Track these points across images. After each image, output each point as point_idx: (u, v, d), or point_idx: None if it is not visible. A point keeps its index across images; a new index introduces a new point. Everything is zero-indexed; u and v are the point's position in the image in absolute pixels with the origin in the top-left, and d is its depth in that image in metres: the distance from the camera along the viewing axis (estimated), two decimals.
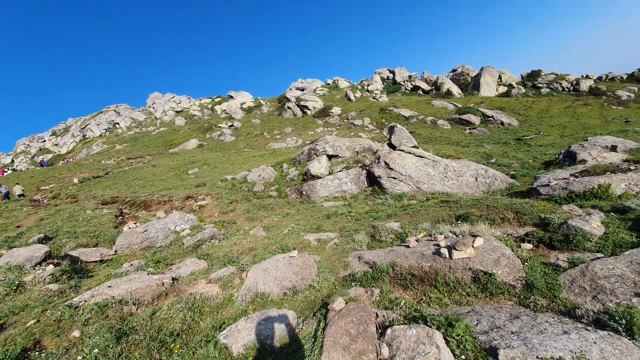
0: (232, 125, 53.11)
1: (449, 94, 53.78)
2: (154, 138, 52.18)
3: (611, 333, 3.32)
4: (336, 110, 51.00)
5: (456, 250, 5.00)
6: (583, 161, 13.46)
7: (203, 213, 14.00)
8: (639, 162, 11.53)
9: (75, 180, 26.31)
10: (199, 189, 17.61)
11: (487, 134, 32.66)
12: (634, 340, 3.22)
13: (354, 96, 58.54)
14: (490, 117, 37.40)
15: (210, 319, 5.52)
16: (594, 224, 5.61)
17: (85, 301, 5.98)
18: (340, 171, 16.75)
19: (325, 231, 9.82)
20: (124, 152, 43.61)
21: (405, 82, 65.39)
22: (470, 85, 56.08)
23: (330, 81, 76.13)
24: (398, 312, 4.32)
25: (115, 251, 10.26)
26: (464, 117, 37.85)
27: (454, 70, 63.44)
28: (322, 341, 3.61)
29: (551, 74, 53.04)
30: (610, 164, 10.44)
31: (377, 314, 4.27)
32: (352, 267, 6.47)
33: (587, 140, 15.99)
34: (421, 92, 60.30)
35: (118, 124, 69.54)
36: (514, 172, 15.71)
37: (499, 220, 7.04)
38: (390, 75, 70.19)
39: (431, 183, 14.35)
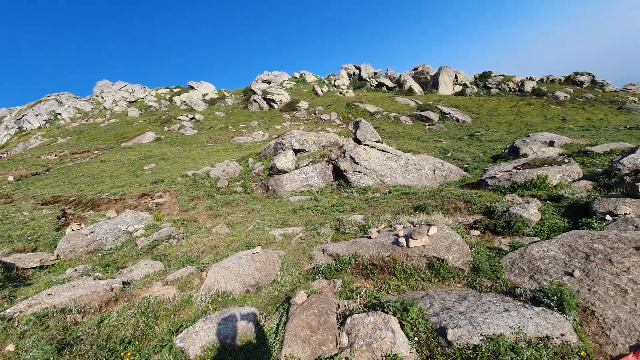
0: (193, 118, 50.34)
1: (410, 91, 56.07)
2: (103, 131, 47.69)
3: (545, 309, 3.69)
4: (303, 104, 50.68)
5: (413, 239, 5.26)
6: (525, 155, 14.89)
7: (160, 211, 13.16)
8: (572, 156, 13.05)
9: (11, 178, 23.25)
10: (155, 186, 16.49)
11: (444, 130, 34.72)
12: (564, 314, 3.60)
13: (321, 91, 58.58)
14: (447, 114, 39.76)
15: (167, 322, 5.23)
16: (532, 211, 6.24)
17: (20, 312, 5.37)
18: (306, 165, 16.73)
19: (291, 226, 9.77)
20: (68, 146, 39.30)
21: (371, 79, 66.86)
22: (430, 84, 58.98)
23: (297, 75, 75.33)
24: (359, 301, 4.44)
25: (58, 256, 9.25)
26: (424, 113, 39.78)
27: (415, 69, 66.16)
28: (283, 336, 3.59)
29: (500, 75, 57.64)
30: (548, 157, 11.64)
31: (338, 304, 4.34)
32: (317, 260, 6.51)
33: (529, 136, 17.69)
34: (385, 89, 62.11)
35: (60, 114, 62.31)
36: (467, 165, 16.93)
37: (451, 209, 7.55)
38: (356, 71, 71.27)
39: (394, 176, 14.92)
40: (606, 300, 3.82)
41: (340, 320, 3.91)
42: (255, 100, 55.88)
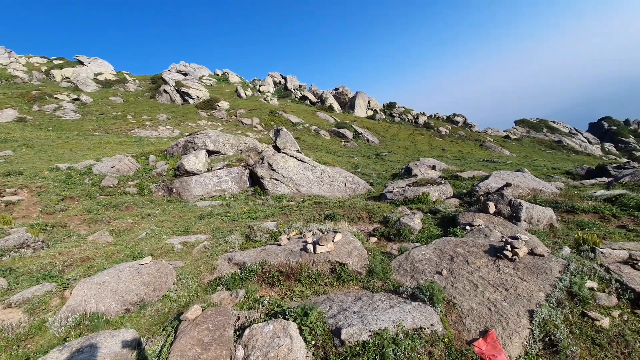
0: (77, 99, 41.08)
1: (331, 108, 60.03)
2: None
3: (420, 303, 4.32)
4: (224, 104, 47.85)
5: (319, 245, 5.46)
6: (415, 175, 17.69)
7: (12, 213, 10.03)
8: (447, 178, 16.15)
9: None
10: (8, 179, 12.57)
11: (357, 148, 38.29)
12: (434, 307, 4.27)
13: (245, 94, 56.69)
14: (360, 134, 44.10)
15: (6, 355, 3.95)
16: (416, 221, 7.38)
17: None
18: (220, 169, 15.65)
19: (195, 233, 8.86)
20: None
21: (295, 91, 68.66)
22: (348, 105, 64.60)
23: (219, 72, 70.91)
24: (261, 310, 4.28)
25: None
26: (341, 130, 43.08)
27: (336, 89, 71.50)
28: (166, 358, 3.12)
29: (402, 107, 67.96)
30: (431, 178, 14.10)
31: (238, 315, 4.08)
32: (220, 270, 6.04)
33: (419, 160, 21.16)
34: (308, 103, 64.72)
35: None
36: (373, 180, 18.99)
37: (356, 218, 8.26)
38: (282, 81, 72.10)
39: (309, 186, 15.41)
40: (463, 293, 4.68)
41: (238, 333, 3.67)
42: (166, 91, 49.73)
